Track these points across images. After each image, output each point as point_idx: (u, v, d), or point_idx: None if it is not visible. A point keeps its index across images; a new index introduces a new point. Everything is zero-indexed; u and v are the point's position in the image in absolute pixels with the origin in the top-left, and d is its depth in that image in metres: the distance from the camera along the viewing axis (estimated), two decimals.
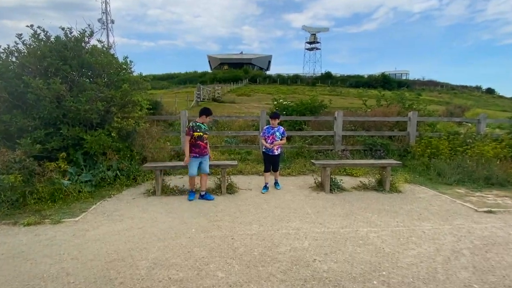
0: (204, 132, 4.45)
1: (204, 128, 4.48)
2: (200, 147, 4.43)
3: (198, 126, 4.47)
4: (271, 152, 4.79)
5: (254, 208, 4.09)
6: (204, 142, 4.43)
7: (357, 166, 5.73)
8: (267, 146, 4.75)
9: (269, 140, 4.76)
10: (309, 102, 9.39)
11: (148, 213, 3.88)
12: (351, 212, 3.96)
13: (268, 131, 4.78)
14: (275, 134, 4.74)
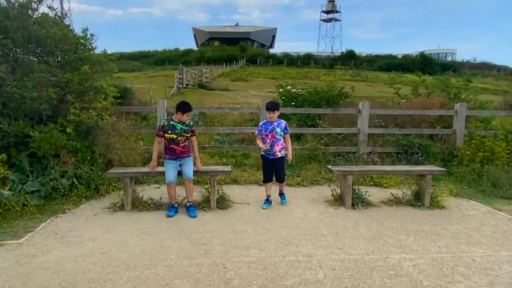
0: (179, 134, 4.49)
1: (180, 129, 4.51)
2: (175, 152, 4.50)
3: (171, 126, 4.51)
4: (271, 155, 4.73)
5: (252, 227, 4.11)
6: (180, 146, 4.49)
7: (387, 174, 5.76)
8: (264, 147, 4.68)
9: (268, 140, 4.68)
10: (326, 90, 9.44)
11: (115, 233, 3.90)
12: (380, 233, 3.98)
13: (266, 128, 4.70)
14: (274, 130, 4.68)
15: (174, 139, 4.49)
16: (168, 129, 4.52)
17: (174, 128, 4.52)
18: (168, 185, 4.47)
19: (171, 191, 4.49)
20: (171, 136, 4.49)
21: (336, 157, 7.10)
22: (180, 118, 4.52)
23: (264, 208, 4.76)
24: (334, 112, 7.73)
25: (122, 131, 6.09)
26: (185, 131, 4.57)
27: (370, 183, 5.99)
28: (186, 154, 4.59)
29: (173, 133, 4.51)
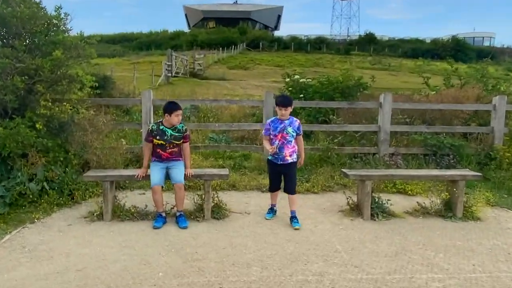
0: (169, 141, 4.57)
1: (170, 136, 4.58)
2: (161, 157, 4.59)
3: (161, 131, 4.59)
4: (280, 160, 4.60)
5: (254, 241, 4.12)
6: (167, 152, 4.58)
7: (413, 179, 5.76)
8: (271, 150, 4.53)
9: (277, 141, 4.55)
10: (340, 79, 9.45)
11: (92, 247, 3.91)
12: (404, 249, 3.99)
13: (275, 127, 4.56)
14: (285, 130, 4.54)
15: (162, 145, 4.58)
16: (157, 134, 4.58)
17: (164, 134, 4.58)
18: (153, 190, 4.48)
19: (157, 196, 4.50)
20: (159, 142, 4.58)
21: (353, 159, 7.10)
22: (169, 121, 4.57)
23: (267, 218, 4.77)
24: (351, 106, 7.73)
25: (101, 127, 6.11)
26: (175, 138, 4.62)
27: (393, 190, 5.99)
28: (175, 158, 4.64)
29: (162, 139, 4.58)
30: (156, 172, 4.53)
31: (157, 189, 4.50)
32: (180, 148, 4.72)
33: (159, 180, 4.50)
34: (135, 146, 6.90)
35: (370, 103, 7.77)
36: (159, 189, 4.51)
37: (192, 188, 5.78)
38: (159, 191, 4.51)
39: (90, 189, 5.45)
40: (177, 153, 4.68)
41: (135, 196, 5.60)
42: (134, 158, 6.61)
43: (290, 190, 4.66)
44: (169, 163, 4.60)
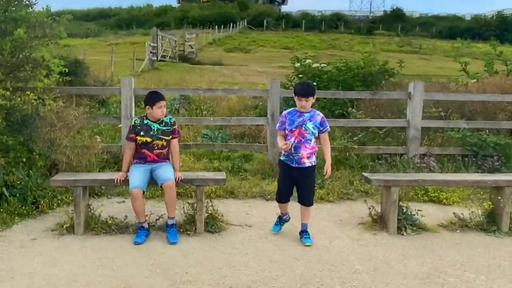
0: (156, 137, 4.60)
1: (157, 130, 4.61)
2: (145, 159, 4.61)
3: (146, 126, 4.62)
4: (295, 162, 4.46)
5: (256, 260, 4.12)
6: (153, 153, 4.61)
7: (448, 186, 5.73)
8: (284, 147, 4.38)
9: (293, 138, 4.41)
10: (361, 65, 9.43)
11: (61, 266, 3.91)
12: (437, 270, 3.98)
13: (292, 120, 4.43)
14: (304, 125, 4.41)
15: (148, 144, 4.58)
16: (141, 130, 4.60)
17: (149, 129, 4.60)
18: (133, 195, 4.42)
19: (137, 204, 4.45)
20: (144, 140, 4.58)
21: (376, 160, 7.08)
22: (152, 114, 4.60)
23: (274, 232, 4.77)
24: (374, 96, 7.71)
25: (72, 122, 6.11)
26: (163, 132, 4.63)
27: (424, 199, 5.97)
28: (162, 161, 4.68)
29: (147, 135, 4.59)
30: (137, 173, 4.53)
31: (138, 194, 4.43)
32: (168, 150, 4.74)
33: (140, 182, 4.46)
34: (112, 145, 6.90)
35: (398, 93, 7.74)
36: (139, 194, 4.45)
37: (181, 195, 5.76)
38: (139, 196, 4.45)
39: (59, 196, 5.44)
40: (165, 155, 4.71)
41: (113, 204, 5.59)
42: (112, 159, 6.61)
43: (306, 200, 4.56)
44: (154, 165, 4.61)
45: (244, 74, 21.07)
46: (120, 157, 6.47)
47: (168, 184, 4.47)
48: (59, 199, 5.41)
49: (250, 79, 18.96)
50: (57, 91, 6.36)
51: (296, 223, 5.11)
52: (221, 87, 13.29)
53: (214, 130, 8.70)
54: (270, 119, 6.98)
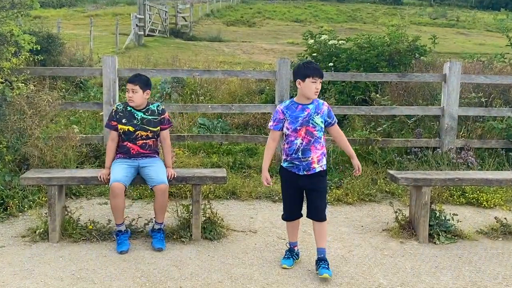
0: (140, 126, 4.62)
1: (141, 119, 4.63)
2: (129, 152, 4.64)
3: (128, 112, 4.64)
4: (304, 169, 4.13)
5: (262, 272, 4.14)
6: (137, 145, 4.64)
7: (490, 185, 5.72)
8: (265, 182, 4.23)
9: (298, 139, 4.11)
10: (387, 41, 9.38)
11: (34, 278, 3.94)
12: (475, 284, 3.99)
13: (294, 116, 4.09)
14: (311, 121, 4.11)
15: (131, 134, 4.60)
16: (123, 117, 4.62)
17: (132, 117, 4.62)
18: (112, 190, 4.39)
19: (117, 201, 4.43)
20: (126, 128, 4.60)
21: (404, 155, 7.08)
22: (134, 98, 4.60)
23: (285, 267, 4.23)
24: (402, 79, 7.68)
25: (45, 109, 6.12)
26: (148, 122, 4.65)
27: (461, 201, 5.98)
28: (150, 154, 4.70)
29: (130, 123, 4.61)
30: (120, 167, 4.55)
31: (118, 188, 4.40)
32: (156, 142, 4.77)
33: (122, 176, 4.46)
34: (93, 136, 6.93)
35: (430, 75, 7.71)
36: (121, 190, 4.42)
37: (174, 196, 5.79)
38: (120, 192, 4.42)
39: (30, 196, 5.47)
40: (152, 147, 4.73)
41: (94, 207, 5.62)
42: (92, 152, 6.64)
43: (319, 213, 4.17)
44: (141, 161, 4.63)
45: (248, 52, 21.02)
46: (102, 151, 6.51)
47: (161, 188, 4.48)
48: (30, 200, 5.43)
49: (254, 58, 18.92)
50: (27, 72, 6.36)
51: (308, 229, 5.13)
52: (220, 68, 13.32)
53: (212, 119, 8.70)
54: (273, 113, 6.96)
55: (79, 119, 8.15)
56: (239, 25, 33.37)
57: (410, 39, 9.54)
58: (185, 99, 9.65)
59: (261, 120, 8.64)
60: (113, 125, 4.66)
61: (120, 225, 4.55)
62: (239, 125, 8.73)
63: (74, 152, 6.22)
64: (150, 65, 13.38)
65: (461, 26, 36.19)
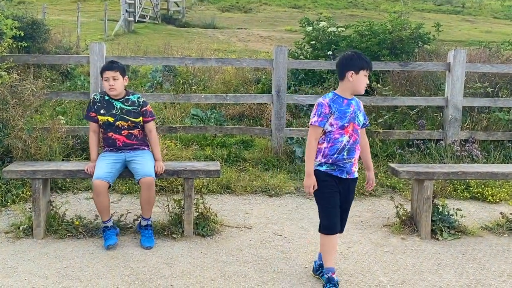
0: (119, 117, 4.63)
1: (120, 109, 4.65)
2: (115, 145, 4.66)
3: (106, 102, 4.66)
4: (347, 172, 3.84)
5: (257, 269, 4.15)
6: (122, 135, 4.66)
7: (495, 179, 5.74)
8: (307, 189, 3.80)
9: (345, 137, 3.80)
10: (389, 28, 9.38)
11: (18, 276, 3.94)
12: (480, 282, 4.00)
13: (342, 111, 3.78)
14: (357, 118, 3.86)
15: (112, 125, 4.62)
16: (101, 107, 4.63)
17: (111, 107, 4.63)
18: (95, 188, 4.41)
19: (100, 199, 4.43)
20: (106, 119, 4.61)
21: (406, 148, 7.10)
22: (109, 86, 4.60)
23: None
24: (404, 68, 7.68)
25: (29, 99, 6.10)
26: (128, 112, 4.65)
27: (465, 195, 5.99)
28: (138, 146, 4.71)
29: (109, 113, 4.62)
30: (104, 162, 4.54)
31: (100, 186, 4.41)
32: (143, 132, 4.77)
33: (104, 173, 4.45)
34: (80, 127, 6.90)
35: (433, 64, 7.71)
36: (103, 188, 4.42)
37: (165, 190, 5.79)
38: (103, 190, 4.43)
39: (14, 190, 5.46)
40: (138, 137, 4.72)
41: (80, 201, 5.62)
42: (79, 145, 6.63)
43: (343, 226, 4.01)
44: (129, 154, 4.62)
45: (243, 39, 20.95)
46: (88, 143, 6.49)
47: (146, 180, 4.46)
48: (14, 194, 5.42)
49: (250, 46, 18.87)
50: (10, 60, 6.32)
51: (305, 225, 5.14)
52: (214, 56, 13.27)
53: (206, 109, 8.69)
54: (275, 96, 6.97)
55: (65, 109, 8.11)
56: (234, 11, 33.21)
57: (413, 26, 9.53)
58: (177, 89, 9.60)
59: (257, 111, 8.62)
60: (92, 116, 4.67)
61: (107, 221, 4.54)
62: (234, 116, 8.71)
63: (60, 144, 6.20)
64: (140, 53, 13.31)
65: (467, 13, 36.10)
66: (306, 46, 10.12)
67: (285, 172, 6.57)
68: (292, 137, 7.19)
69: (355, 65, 3.75)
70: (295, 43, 10.75)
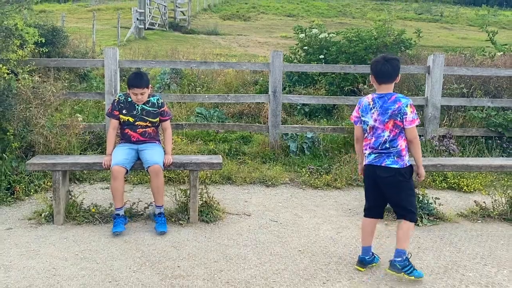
0: (139, 117, 4.67)
1: (140, 110, 4.68)
2: (130, 138, 4.69)
3: (129, 104, 4.69)
4: None
5: (255, 252, 4.16)
6: (137, 132, 4.69)
7: (470, 171, 5.75)
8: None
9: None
10: (374, 35, 9.37)
11: (40, 259, 3.95)
12: (455, 264, 4.02)
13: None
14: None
15: (130, 123, 4.66)
16: (124, 107, 4.66)
17: (132, 108, 4.66)
18: (113, 173, 4.41)
19: (117, 184, 4.43)
20: (126, 119, 4.66)
21: None
22: (137, 95, 4.61)
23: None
24: None
25: (50, 99, 6.10)
26: (148, 113, 4.69)
27: (443, 185, 6.02)
28: (150, 140, 4.74)
29: (130, 114, 4.65)
30: (121, 151, 4.58)
31: (118, 171, 4.42)
32: (156, 130, 4.78)
33: (123, 160, 4.48)
34: (95, 124, 6.90)
35: (415, 67, 7.71)
36: (120, 173, 4.43)
37: (173, 181, 5.80)
38: (120, 176, 4.44)
39: (36, 181, 5.48)
40: (152, 135, 4.74)
41: (96, 191, 5.63)
42: (95, 140, 6.63)
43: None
44: (141, 145, 4.66)
45: (243, 45, 20.91)
46: (104, 138, 6.52)
47: (154, 168, 4.48)
48: (36, 184, 5.44)
49: (249, 51, 18.82)
50: (32, 64, 6.34)
51: (299, 212, 5.15)
52: (217, 60, 13.25)
53: (209, 108, 8.69)
54: (271, 96, 6.97)
55: (82, 108, 8.12)
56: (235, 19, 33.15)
57: (396, 33, 9.54)
58: (183, 90, 9.63)
59: (256, 110, 8.63)
60: (115, 114, 4.68)
61: (119, 209, 4.54)
62: (234, 114, 8.71)
63: (78, 139, 6.22)
64: (150, 57, 13.29)
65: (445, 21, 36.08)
66: (299, 51, 10.12)
67: (281, 164, 6.58)
68: (287, 133, 7.19)
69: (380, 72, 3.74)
70: (290, 48, 10.75)
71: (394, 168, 3.67)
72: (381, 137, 3.71)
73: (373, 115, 3.74)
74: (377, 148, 3.74)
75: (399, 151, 3.69)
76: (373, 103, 3.75)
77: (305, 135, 7.06)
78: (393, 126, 3.68)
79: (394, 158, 3.69)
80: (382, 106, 3.69)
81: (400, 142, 3.70)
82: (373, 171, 3.78)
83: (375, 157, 3.75)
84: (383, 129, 3.70)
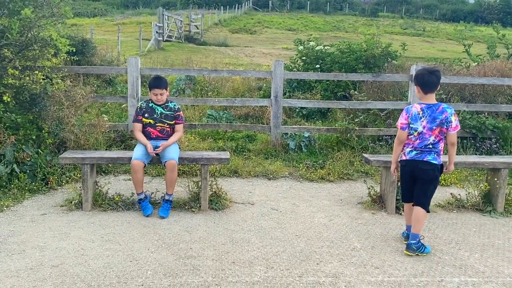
0: (159, 120, 4.75)
1: (160, 114, 4.75)
2: (149, 136, 4.78)
3: (150, 108, 4.78)
4: None
5: (258, 236, 4.19)
6: (157, 130, 4.77)
7: None
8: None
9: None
10: (364, 47, 9.36)
11: (70, 240, 3.99)
12: (433, 248, 4.03)
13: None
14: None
15: (152, 124, 4.76)
16: (145, 112, 4.76)
17: (153, 112, 4.76)
18: (133, 167, 4.52)
19: (136, 176, 4.54)
20: (148, 121, 4.76)
21: (376, 142, 7.11)
22: (158, 97, 4.69)
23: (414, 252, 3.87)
24: (376, 79, 7.67)
25: (80, 101, 6.15)
26: (166, 116, 4.77)
27: None
28: (166, 138, 4.79)
29: (151, 117, 4.75)
30: (140, 147, 4.66)
31: (138, 165, 4.52)
32: (173, 129, 4.85)
33: (141, 155, 4.56)
34: (119, 124, 6.93)
35: (400, 75, 7.70)
36: (140, 167, 4.53)
37: (187, 174, 5.83)
38: (139, 169, 4.54)
39: (67, 173, 5.52)
40: (169, 132, 4.81)
41: (120, 182, 5.66)
42: (118, 137, 6.66)
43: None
44: (159, 142, 4.70)
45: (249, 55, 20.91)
46: (126, 136, 6.55)
47: (170, 163, 4.55)
48: (67, 176, 5.49)
49: (255, 60, 18.82)
50: (65, 70, 6.40)
51: (297, 202, 5.16)
52: (226, 68, 13.27)
53: (219, 110, 8.72)
54: (273, 100, 6.98)
55: (108, 109, 8.16)
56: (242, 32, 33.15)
57: (383, 45, 9.53)
58: (196, 94, 9.66)
59: (259, 112, 8.67)
60: (139, 119, 4.77)
61: (140, 194, 4.65)
62: (241, 116, 8.73)
63: (104, 137, 6.26)
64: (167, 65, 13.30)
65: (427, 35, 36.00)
66: (298, 61, 10.13)
67: (281, 160, 6.59)
68: (286, 133, 7.20)
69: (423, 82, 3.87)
70: (290, 58, 10.76)
71: (434, 164, 3.86)
72: (427, 140, 3.87)
73: (422, 123, 3.86)
74: (420, 148, 3.90)
75: (439, 151, 3.89)
76: (422, 112, 3.87)
77: (302, 135, 7.08)
78: (438, 132, 3.86)
79: (434, 156, 3.87)
80: (431, 115, 3.84)
81: (441, 144, 3.90)
82: (415, 165, 3.92)
83: (417, 154, 3.92)
84: (430, 134, 3.86)
